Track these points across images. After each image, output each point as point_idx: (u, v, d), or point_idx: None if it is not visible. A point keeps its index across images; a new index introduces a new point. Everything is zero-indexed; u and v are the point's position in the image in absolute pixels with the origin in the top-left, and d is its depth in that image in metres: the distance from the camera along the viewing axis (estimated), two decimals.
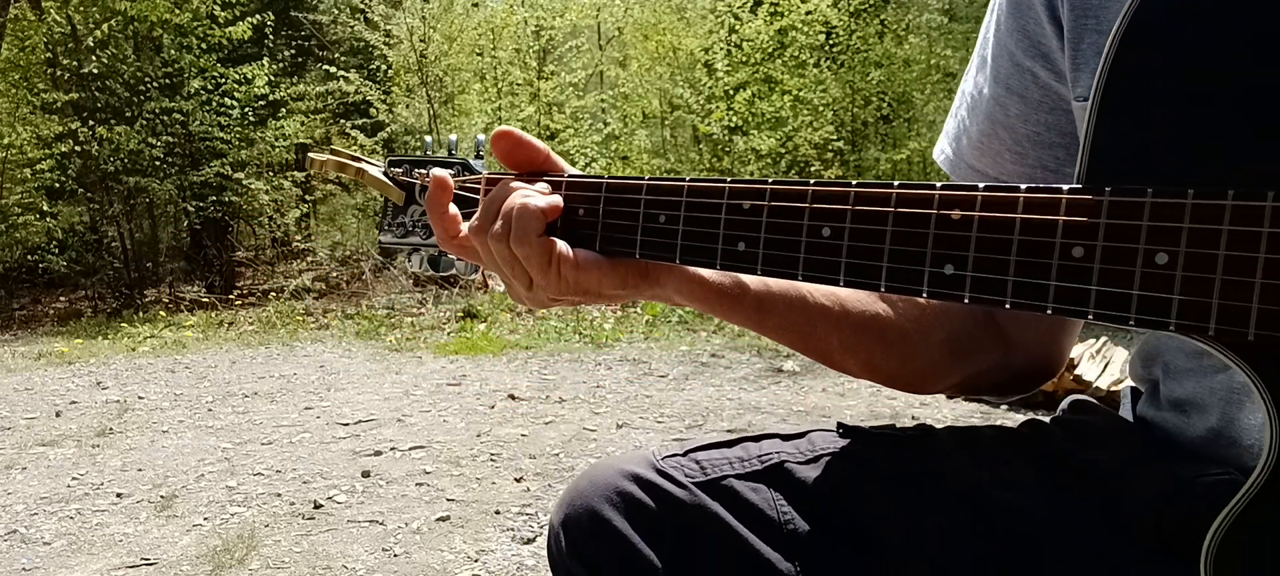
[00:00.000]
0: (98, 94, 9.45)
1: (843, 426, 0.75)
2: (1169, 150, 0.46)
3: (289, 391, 4.75)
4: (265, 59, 9.91)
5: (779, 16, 10.67)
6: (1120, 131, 0.48)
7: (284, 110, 10.28)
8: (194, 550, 2.53)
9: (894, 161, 10.77)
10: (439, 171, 0.74)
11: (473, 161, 0.80)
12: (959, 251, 0.50)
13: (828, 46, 10.96)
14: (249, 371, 5.42)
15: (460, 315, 7.07)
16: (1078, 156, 0.49)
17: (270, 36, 10.30)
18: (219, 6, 9.51)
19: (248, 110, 9.84)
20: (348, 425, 3.92)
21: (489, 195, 0.71)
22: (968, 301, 0.50)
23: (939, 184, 0.51)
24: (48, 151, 9.02)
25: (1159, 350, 0.67)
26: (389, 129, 10.35)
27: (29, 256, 9.70)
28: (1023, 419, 0.78)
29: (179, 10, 9.26)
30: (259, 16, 9.86)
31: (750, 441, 0.75)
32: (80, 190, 9.65)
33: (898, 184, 0.52)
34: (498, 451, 3.42)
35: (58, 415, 4.33)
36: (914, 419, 3.68)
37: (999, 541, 0.64)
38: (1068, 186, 0.46)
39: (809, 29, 10.63)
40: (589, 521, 0.70)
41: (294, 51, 11.52)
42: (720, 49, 11.03)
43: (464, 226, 0.74)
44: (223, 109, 9.69)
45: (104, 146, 9.16)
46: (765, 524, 0.68)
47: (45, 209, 9.54)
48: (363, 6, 10.38)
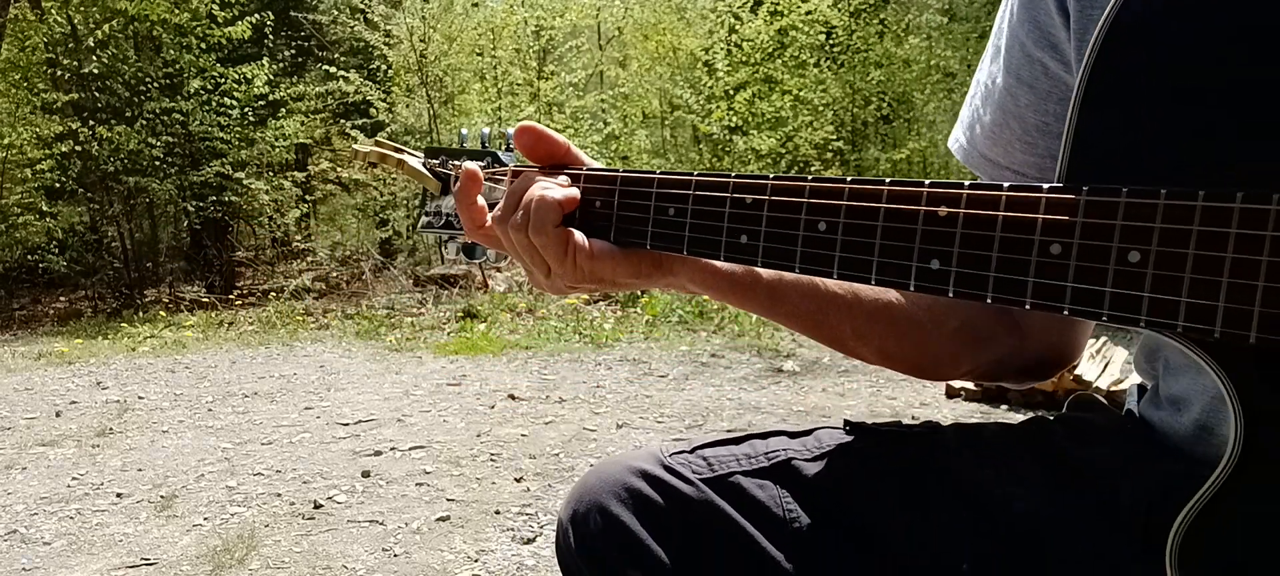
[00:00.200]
0: (98, 94, 9.46)
1: (849, 423, 0.76)
2: (1150, 148, 0.46)
3: (289, 391, 4.76)
4: (265, 59, 9.92)
5: (779, 16, 10.67)
6: (1102, 129, 0.48)
7: (284, 110, 10.29)
8: (194, 550, 2.54)
9: (894, 161, 10.76)
10: (469, 165, 0.77)
11: (502, 154, 0.83)
12: (944, 247, 0.51)
13: (828, 46, 10.96)
14: (249, 371, 5.42)
15: (460, 315, 7.08)
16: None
17: (270, 36, 10.31)
18: (218, 6, 9.51)
19: (248, 110, 9.85)
20: (348, 425, 3.93)
21: (511, 187, 0.74)
22: (951, 295, 0.51)
23: (927, 181, 0.53)
24: (48, 151, 9.02)
25: (1159, 346, 0.68)
26: (389, 129, 10.35)
27: (29, 256, 9.72)
28: (1022, 418, 0.79)
29: (178, 10, 9.27)
30: (258, 16, 9.87)
31: (757, 438, 0.76)
32: (80, 190, 9.66)
33: (889, 181, 0.54)
34: (498, 451, 3.42)
35: (58, 415, 4.33)
36: (914, 419, 3.69)
37: (1001, 539, 0.65)
38: (1047, 185, 0.47)
39: (809, 29, 10.63)
40: (597, 517, 0.71)
41: (294, 51, 11.52)
42: (720, 49, 11.03)
43: (489, 217, 0.76)
44: (223, 109, 9.70)
45: (104, 146, 9.16)
46: (771, 521, 0.69)
47: (45, 209, 9.55)
48: (363, 6, 10.39)
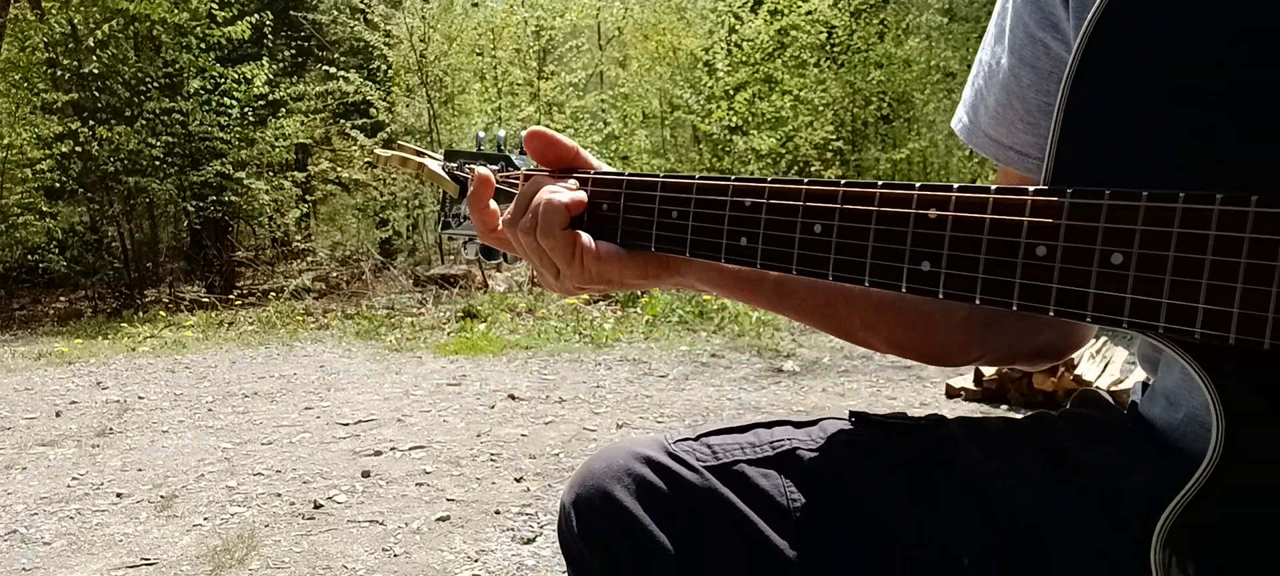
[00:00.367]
0: (98, 94, 9.46)
1: (854, 414, 0.76)
2: (1134, 149, 0.47)
3: (289, 391, 4.76)
4: (265, 59, 9.93)
5: (779, 16, 10.67)
6: (1087, 129, 0.48)
7: (284, 110, 10.29)
8: (194, 550, 2.54)
9: (894, 161, 10.77)
10: (481, 170, 0.78)
11: (515, 158, 0.85)
12: (935, 249, 0.52)
13: (828, 46, 10.96)
14: (249, 371, 5.43)
15: (460, 315, 7.08)
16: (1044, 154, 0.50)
17: (269, 36, 10.32)
18: (217, 6, 9.51)
19: (247, 110, 9.86)
20: (348, 425, 3.93)
21: (521, 191, 0.75)
22: (942, 297, 0.51)
23: (918, 184, 0.53)
24: (48, 151, 9.03)
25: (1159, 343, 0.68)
26: (389, 129, 10.36)
27: (29, 256, 9.72)
28: (1022, 416, 0.79)
29: (178, 10, 9.27)
30: (258, 16, 9.87)
31: (762, 427, 0.76)
32: (80, 190, 9.66)
33: (881, 184, 0.55)
34: (498, 451, 3.43)
35: (58, 415, 4.34)
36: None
37: (1004, 533, 0.65)
38: (1033, 187, 0.48)
39: (809, 29, 10.63)
40: (600, 501, 0.71)
41: (294, 51, 11.53)
42: (720, 49, 11.03)
43: (501, 220, 0.78)
44: (222, 109, 9.71)
45: (104, 146, 9.17)
46: (774, 509, 0.69)
47: (45, 209, 9.56)
48: (363, 6, 10.39)
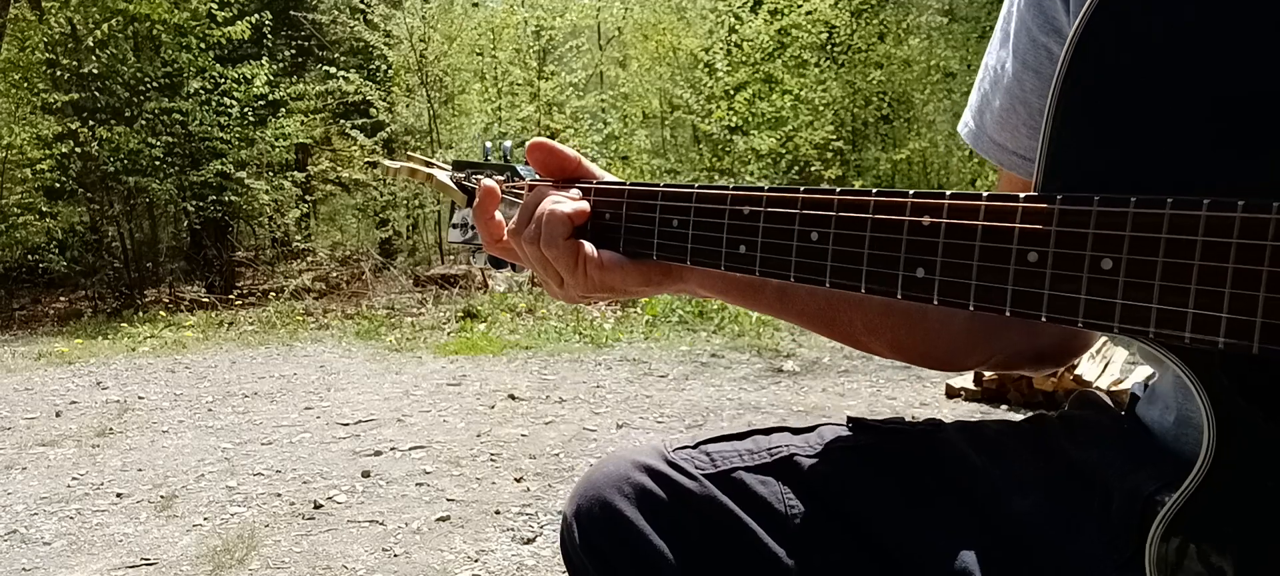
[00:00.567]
0: (98, 94, 9.46)
1: (852, 420, 0.76)
2: (1124, 152, 0.47)
3: (289, 391, 4.77)
4: (265, 59, 9.93)
5: (779, 16, 10.68)
6: (1076, 134, 0.49)
7: (284, 110, 10.30)
8: (194, 550, 2.55)
9: (894, 161, 10.78)
10: (486, 181, 0.79)
11: (520, 168, 0.86)
12: (928, 256, 0.52)
13: (828, 46, 10.97)
14: (249, 371, 5.43)
15: (460, 315, 7.08)
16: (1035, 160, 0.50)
17: (269, 36, 10.32)
18: (217, 6, 9.51)
19: (247, 110, 9.86)
20: (348, 425, 3.94)
21: (525, 201, 0.76)
22: (936, 303, 0.52)
23: (912, 191, 0.54)
24: (48, 151, 9.03)
25: None
26: (389, 129, 10.37)
27: (29, 256, 9.72)
28: (1021, 418, 0.79)
29: (178, 10, 9.27)
30: (258, 16, 9.87)
31: (760, 434, 0.76)
32: (80, 190, 9.66)
33: (876, 191, 0.55)
34: (498, 451, 3.43)
35: (58, 415, 4.34)
36: (914, 418, 3.69)
37: (1001, 537, 0.65)
38: (1024, 194, 0.48)
39: (809, 29, 10.64)
40: (601, 512, 0.71)
41: (294, 51, 11.53)
42: (720, 49, 11.04)
43: (505, 231, 0.79)
44: (222, 109, 9.71)
45: (104, 146, 9.17)
46: (772, 516, 0.70)
47: (45, 209, 9.56)
48: (363, 6, 10.40)
